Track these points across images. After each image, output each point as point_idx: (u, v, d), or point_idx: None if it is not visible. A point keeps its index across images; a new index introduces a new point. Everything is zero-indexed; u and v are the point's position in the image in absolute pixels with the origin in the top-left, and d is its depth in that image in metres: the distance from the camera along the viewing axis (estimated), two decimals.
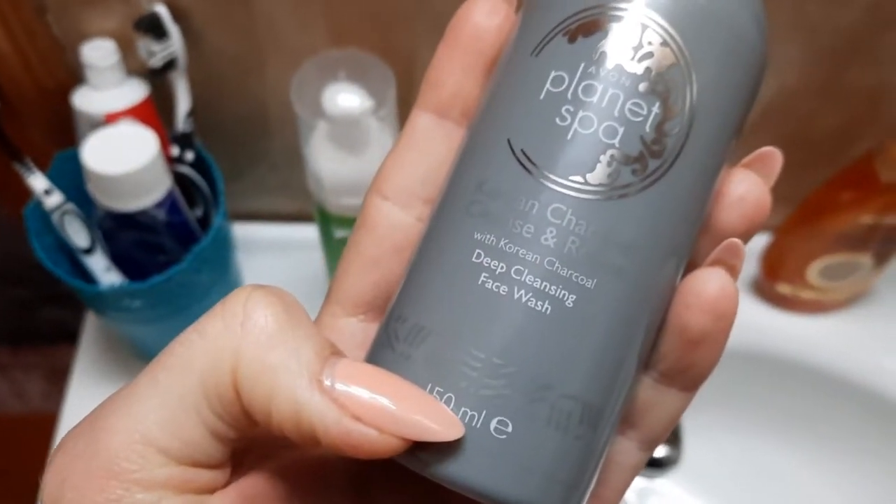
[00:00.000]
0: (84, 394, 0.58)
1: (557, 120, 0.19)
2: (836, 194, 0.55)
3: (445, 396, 0.18)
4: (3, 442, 1.05)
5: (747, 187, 0.20)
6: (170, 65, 0.48)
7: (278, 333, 0.18)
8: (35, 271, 0.50)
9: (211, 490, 0.19)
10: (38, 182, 0.49)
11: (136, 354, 0.59)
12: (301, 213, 0.62)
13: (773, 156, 0.21)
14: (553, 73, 0.19)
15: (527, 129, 0.19)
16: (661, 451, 0.55)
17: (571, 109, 0.19)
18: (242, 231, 0.62)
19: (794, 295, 0.60)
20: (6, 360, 1.12)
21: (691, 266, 0.20)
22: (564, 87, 0.19)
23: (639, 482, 0.59)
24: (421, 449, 0.18)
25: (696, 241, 0.20)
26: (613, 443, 0.21)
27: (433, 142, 0.21)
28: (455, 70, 0.21)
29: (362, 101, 0.45)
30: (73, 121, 0.50)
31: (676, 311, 0.20)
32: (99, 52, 0.47)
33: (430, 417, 0.18)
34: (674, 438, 0.56)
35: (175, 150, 0.51)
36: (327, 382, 0.17)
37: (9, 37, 0.47)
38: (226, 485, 0.19)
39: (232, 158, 0.57)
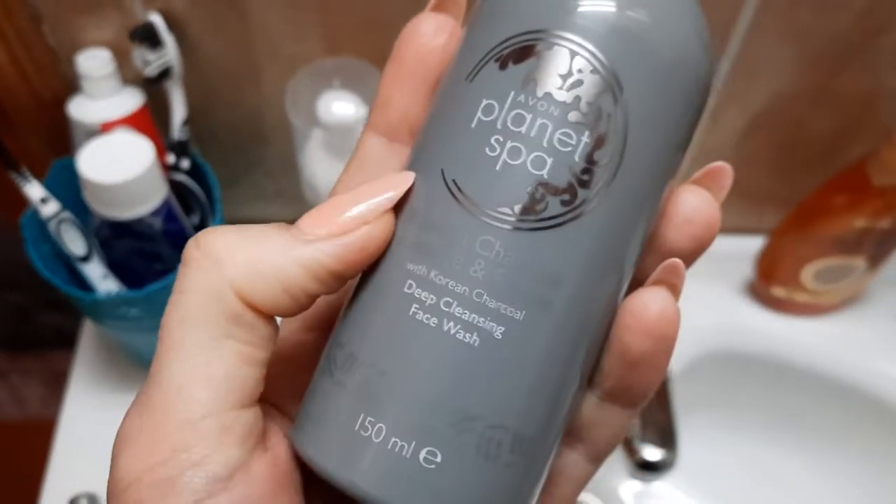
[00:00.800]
0: (82, 400, 0.58)
1: (487, 150, 0.18)
2: (829, 198, 0.55)
3: (376, 427, 0.18)
4: (2, 447, 1.05)
5: (696, 206, 0.20)
6: (165, 73, 0.49)
7: (246, 244, 0.19)
8: (33, 277, 0.50)
9: (249, 444, 0.19)
10: (34, 191, 0.49)
11: (133, 361, 0.59)
12: (296, 219, 0.62)
13: (723, 171, 0.21)
14: (484, 102, 0.19)
15: (458, 158, 0.19)
16: (656, 455, 0.55)
17: (501, 139, 0.18)
18: None
19: (789, 297, 0.61)
20: (4, 366, 1.12)
21: (637, 283, 0.20)
22: (494, 115, 0.19)
23: (635, 485, 0.59)
24: (356, 472, 0.18)
25: (640, 262, 0.20)
26: (561, 456, 0.21)
27: (382, 164, 0.21)
28: (402, 91, 0.21)
29: (357, 108, 0.45)
30: (69, 130, 0.50)
31: (617, 332, 0.19)
32: (94, 62, 0.48)
33: (387, 187, 0.19)
34: (669, 441, 0.56)
35: (171, 158, 0.52)
36: (307, 236, 0.19)
37: (5, 47, 0.47)
38: (258, 446, 0.20)
39: (227, 165, 0.57)
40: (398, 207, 0.20)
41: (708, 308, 0.62)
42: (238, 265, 0.19)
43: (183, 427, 0.18)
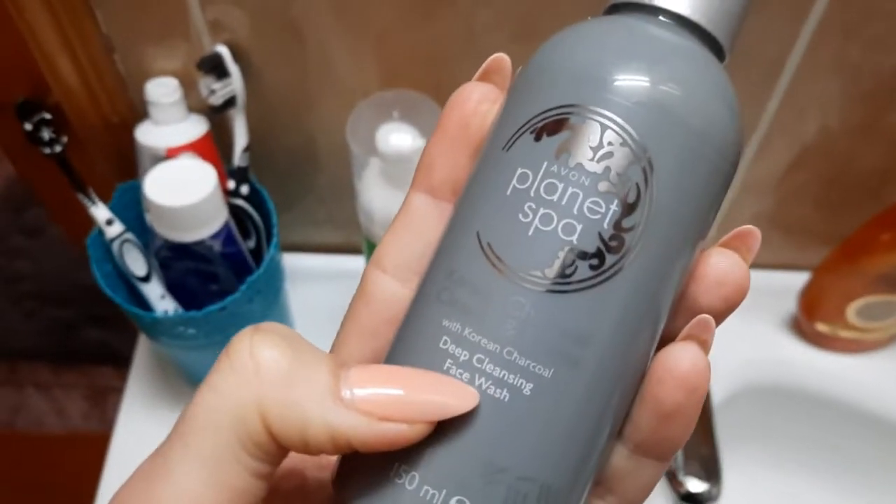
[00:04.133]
0: (134, 416, 0.59)
1: (521, 216, 0.19)
2: (875, 235, 0.55)
3: (410, 474, 0.19)
4: (45, 460, 1.07)
5: (725, 268, 0.21)
6: (229, 102, 0.50)
7: (291, 370, 0.19)
8: (78, 292, 0.52)
9: None
10: (100, 213, 0.51)
11: (185, 378, 0.61)
12: (346, 245, 0.64)
13: (751, 234, 0.21)
14: (519, 170, 0.20)
15: (493, 223, 0.20)
16: (700, 487, 0.56)
17: (534, 206, 0.19)
18: (289, 261, 0.64)
19: (833, 333, 0.61)
20: (48, 380, 1.14)
21: (666, 342, 0.21)
22: (528, 184, 0.19)
23: None
24: None
25: (670, 322, 0.21)
26: None
27: (428, 221, 0.22)
28: (445, 155, 0.22)
29: (413, 139, 0.47)
30: (136, 154, 0.52)
31: (649, 386, 0.20)
32: (162, 90, 0.50)
33: (447, 395, 0.19)
34: (713, 474, 0.56)
35: (231, 184, 0.53)
36: (347, 394, 0.18)
37: (78, 73, 0.49)
38: None
39: (282, 191, 0.59)
40: (436, 263, 0.21)
41: (751, 342, 0.62)
42: (275, 393, 0.18)
43: None
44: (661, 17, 0.21)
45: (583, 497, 0.21)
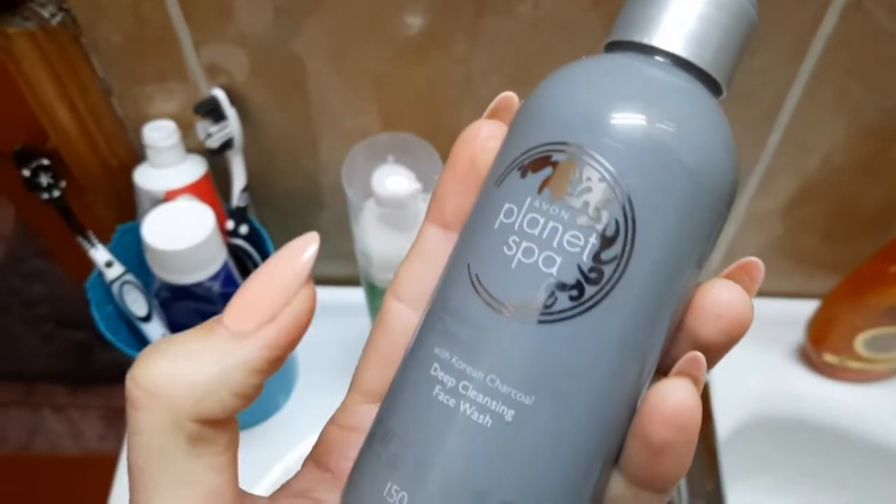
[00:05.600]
0: None
1: (505, 249, 0.20)
2: (884, 267, 0.55)
3: (400, 494, 0.20)
4: (61, 481, 1.08)
5: (727, 300, 0.20)
6: (227, 145, 0.51)
7: (177, 365, 0.19)
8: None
9: None
10: (99, 255, 0.51)
11: None
12: (349, 278, 0.64)
13: (755, 266, 0.21)
14: (506, 205, 0.20)
15: (481, 255, 0.21)
16: None
17: (517, 239, 0.20)
18: None
19: (841, 364, 0.60)
20: (64, 401, 1.15)
21: (664, 373, 0.21)
22: (513, 218, 0.20)
23: None
24: None
25: (668, 353, 0.21)
26: None
27: (439, 252, 0.23)
28: (455, 190, 0.23)
29: (410, 183, 0.46)
30: (135, 196, 0.52)
31: (639, 420, 0.20)
32: (159, 133, 0.50)
33: (296, 260, 0.21)
34: None
35: (230, 224, 0.53)
36: (239, 338, 0.19)
37: (76, 118, 0.50)
38: None
39: (284, 229, 0.59)
40: (436, 293, 0.21)
41: (758, 372, 0.62)
42: (182, 393, 0.19)
43: None
44: (656, 57, 0.21)
45: None
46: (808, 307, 0.61)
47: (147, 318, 0.53)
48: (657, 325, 0.20)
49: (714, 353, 0.21)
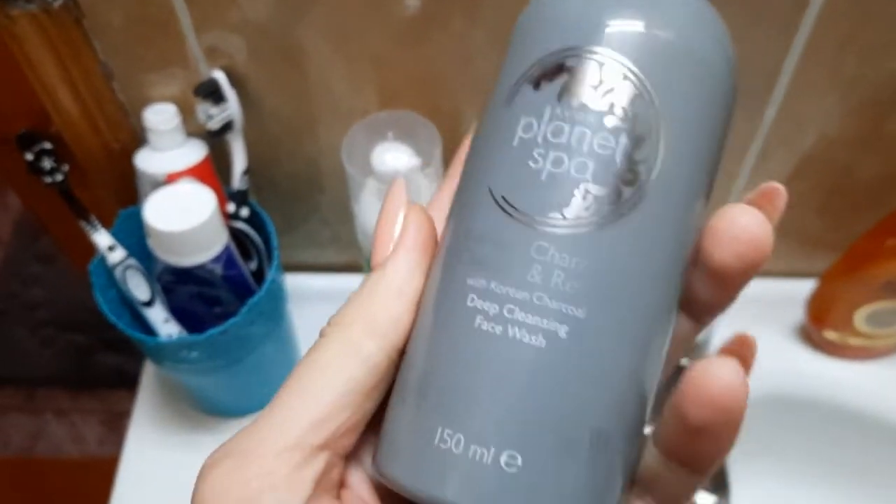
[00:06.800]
0: (143, 440, 0.60)
1: (531, 163, 0.20)
2: (880, 242, 0.55)
3: (455, 437, 0.19)
4: (62, 485, 1.07)
5: (744, 224, 0.19)
6: (227, 127, 0.51)
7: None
8: (93, 318, 0.52)
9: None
10: (102, 239, 0.51)
11: (192, 402, 0.61)
12: (350, 265, 0.64)
13: (777, 192, 0.20)
14: (523, 120, 0.20)
15: (505, 175, 0.20)
16: (708, 500, 0.55)
17: (543, 152, 0.20)
18: (293, 282, 0.64)
19: (842, 341, 0.60)
20: (65, 405, 1.15)
21: (685, 303, 0.20)
22: (534, 131, 0.20)
23: None
24: (440, 485, 0.19)
25: (686, 278, 0.20)
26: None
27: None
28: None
29: (410, 159, 0.47)
30: (136, 180, 0.52)
31: (676, 398, 0.18)
32: (160, 117, 0.50)
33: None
34: (721, 487, 0.56)
35: (231, 207, 0.54)
36: None
37: (78, 102, 0.50)
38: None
39: (285, 213, 0.59)
40: (451, 230, 0.21)
41: (760, 351, 0.62)
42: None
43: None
44: None
45: (635, 441, 0.20)
46: (808, 286, 0.61)
47: (150, 303, 0.54)
48: (691, 228, 0.20)
49: (728, 282, 0.20)
